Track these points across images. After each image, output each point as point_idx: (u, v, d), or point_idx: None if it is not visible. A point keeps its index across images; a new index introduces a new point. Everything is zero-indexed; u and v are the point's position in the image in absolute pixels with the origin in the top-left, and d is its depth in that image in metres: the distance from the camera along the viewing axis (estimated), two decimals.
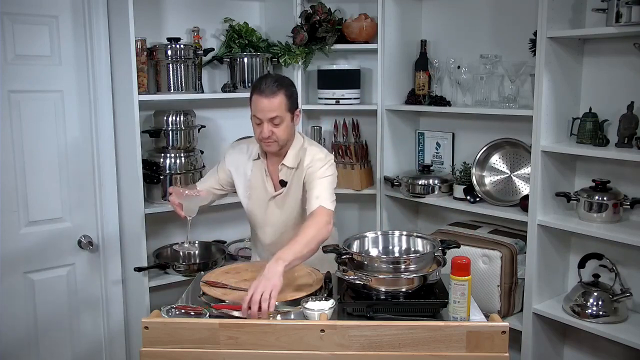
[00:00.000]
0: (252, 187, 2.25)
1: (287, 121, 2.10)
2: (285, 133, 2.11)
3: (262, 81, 2.08)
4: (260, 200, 2.25)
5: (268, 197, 2.22)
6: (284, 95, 2.07)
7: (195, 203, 2.13)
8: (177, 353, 1.56)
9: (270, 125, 2.07)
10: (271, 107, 2.05)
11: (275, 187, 2.23)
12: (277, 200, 2.22)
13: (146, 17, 2.79)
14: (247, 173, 2.25)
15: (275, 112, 2.05)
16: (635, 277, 2.38)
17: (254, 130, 2.14)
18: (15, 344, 2.56)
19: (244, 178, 2.26)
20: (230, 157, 2.31)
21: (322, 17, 2.96)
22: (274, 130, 2.08)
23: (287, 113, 2.09)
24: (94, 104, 2.64)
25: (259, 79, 2.14)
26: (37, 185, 2.54)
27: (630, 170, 2.36)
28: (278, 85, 2.07)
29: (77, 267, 2.70)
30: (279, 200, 2.22)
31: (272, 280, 1.73)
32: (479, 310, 1.81)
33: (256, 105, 2.07)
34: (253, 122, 2.12)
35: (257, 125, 2.10)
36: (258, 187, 2.24)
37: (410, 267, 1.77)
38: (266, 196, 2.23)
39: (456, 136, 3.02)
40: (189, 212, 2.13)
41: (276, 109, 2.06)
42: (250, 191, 2.25)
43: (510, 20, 2.71)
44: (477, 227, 2.75)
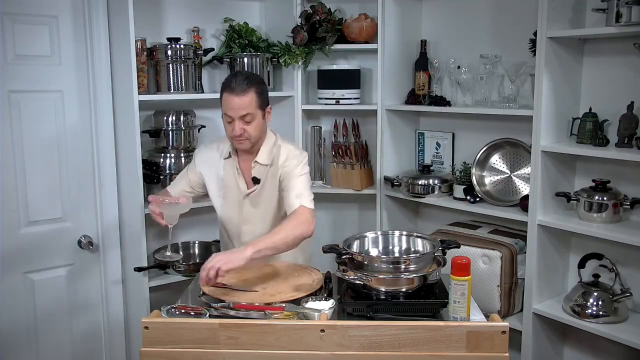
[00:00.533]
0: (225, 187, 2.24)
1: (258, 119, 2.10)
2: (257, 130, 2.11)
3: (232, 79, 2.08)
4: (234, 200, 2.23)
5: (242, 195, 2.21)
6: (255, 93, 2.07)
7: (176, 211, 2.11)
8: (177, 353, 1.56)
9: (241, 123, 2.07)
10: (242, 105, 2.05)
11: (248, 184, 2.21)
12: (252, 198, 2.21)
13: (146, 17, 2.79)
14: (220, 172, 2.24)
15: (246, 109, 2.06)
16: (635, 277, 2.38)
17: (225, 129, 2.14)
18: (15, 343, 2.56)
19: (217, 178, 2.25)
20: (200, 157, 2.30)
21: (322, 17, 2.96)
22: (246, 128, 2.08)
23: (258, 110, 2.10)
24: (94, 104, 2.64)
25: (229, 77, 2.14)
26: (37, 185, 2.54)
27: (630, 170, 2.36)
28: (248, 82, 2.06)
29: (77, 267, 2.70)
30: (254, 198, 2.21)
31: (232, 257, 1.84)
32: (479, 310, 1.81)
33: (227, 103, 2.07)
34: (224, 120, 2.12)
35: (228, 124, 2.10)
36: (231, 186, 2.23)
37: (410, 267, 1.77)
38: (240, 194, 2.22)
39: (456, 136, 3.02)
40: (170, 220, 2.11)
41: (247, 106, 2.06)
42: (224, 190, 2.24)
43: (510, 20, 2.71)
44: (477, 227, 2.75)
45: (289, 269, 2.08)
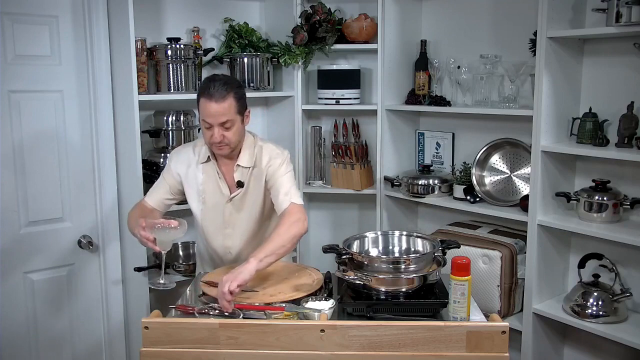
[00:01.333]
0: (205, 191, 2.17)
1: (237, 124, 2.05)
2: (236, 136, 2.07)
3: (210, 84, 2.00)
4: (216, 204, 2.18)
5: (225, 199, 2.16)
6: (233, 98, 2.01)
7: (170, 236, 1.91)
8: (177, 353, 1.56)
9: (221, 129, 2.02)
10: (221, 112, 1.99)
11: (230, 188, 2.16)
12: (235, 201, 2.16)
13: (146, 17, 2.79)
14: (198, 177, 2.17)
15: (225, 116, 2.00)
16: (635, 277, 2.38)
17: (203, 134, 2.08)
18: (15, 344, 2.56)
19: (195, 182, 2.18)
20: (175, 163, 2.20)
21: (322, 17, 2.96)
22: (225, 134, 2.03)
23: (237, 116, 2.04)
24: (94, 104, 2.64)
25: (206, 81, 2.04)
26: (37, 185, 2.54)
27: (630, 170, 2.36)
28: (227, 88, 2.00)
29: (77, 267, 2.70)
30: (237, 202, 2.16)
31: (238, 275, 1.76)
32: (479, 310, 1.81)
33: (205, 110, 2.00)
34: (202, 126, 2.06)
35: (206, 130, 2.04)
36: (212, 191, 2.17)
37: (410, 267, 1.77)
38: (222, 199, 2.16)
39: (456, 136, 3.02)
40: (164, 246, 1.92)
41: (226, 113, 2.00)
42: (205, 195, 2.17)
43: (510, 20, 2.71)
44: (477, 227, 2.75)
45: (289, 269, 2.08)
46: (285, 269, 2.07)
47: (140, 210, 2.16)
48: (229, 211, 2.17)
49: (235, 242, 2.21)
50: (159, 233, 1.88)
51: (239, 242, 2.21)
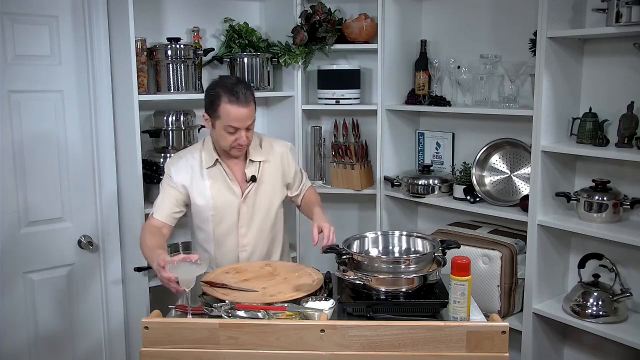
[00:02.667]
0: (215, 196, 2.17)
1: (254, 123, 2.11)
2: (252, 135, 2.15)
3: (236, 90, 2.02)
4: (229, 205, 2.19)
5: (238, 199, 2.19)
6: (253, 100, 2.08)
7: (193, 273, 1.74)
8: (177, 353, 1.56)
9: (245, 132, 2.07)
10: (249, 115, 2.05)
11: (241, 186, 2.19)
12: (249, 198, 2.20)
13: (146, 17, 2.79)
14: (205, 183, 2.17)
15: (251, 119, 2.06)
16: (635, 277, 2.38)
17: (221, 139, 2.08)
18: (15, 344, 2.56)
19: (203, 189, 2.17)
20: (176, 175, 2.17)
21: (322, 17, 2.96)
22: (247, 135, 2.08)
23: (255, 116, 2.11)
24: (94, 104, 2.64)
25: (229, 87, 2.05)
26: (37, 185, 2.54)
27: (630, 170, 2.36)
28: (249, 91, 2.07)
29: (77, 267, 2.70)
30: (251, 198, 2.20)
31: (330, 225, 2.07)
32: (479, 310, 1.81)
33: (234, 115, 2.02)
34: (223, 131, 2.06)
35: (229, 134, 2.05)
36: (223, 193, 2.18)
37: (410, 267, 1.77)
38: (236, 198, 2.19)
39: (456, 136, 3.02)
40: (187, 284, 1.74)
41: (252, 115, 2.07)
42: (215, 200, 2.17)
43: (510, 20, 2.71)
44: (477, 227, 2.75)
45: (289, 269, 2.08)
46: (286, 269, 2.07)
47: (151, 232, 2.10)
48: (244, 209, 2.20)
49: (251, 239, 2.23)
50: (181, 272, 1.75)
51: (255, 238, 2.24)
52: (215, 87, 2.08)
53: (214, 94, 2.06)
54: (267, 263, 2.15)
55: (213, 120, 2.08)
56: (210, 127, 2.12)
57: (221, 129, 2.06)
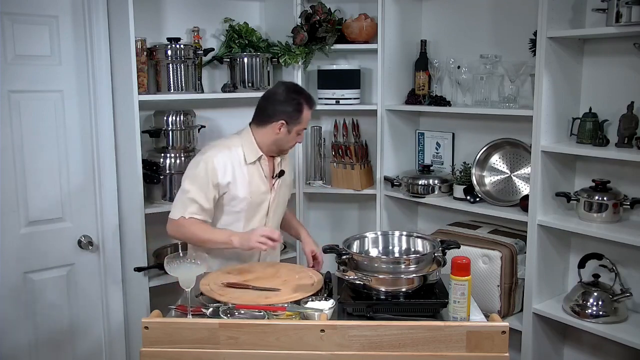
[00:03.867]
0: (251, 192, 2.24)
1: None
2: None
3: (307, 94, 2.27)
4: (261, 200, 2.28)
5: (269, 194, 2.30)
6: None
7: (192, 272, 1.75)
8: (177, 353, 1.56)
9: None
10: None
11: (269, 180, 2.31)
12: (274, 192, 2.32)
13: (146, 17, 2.79)
14: (245, 178, 2.22)
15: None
16: (635, 277, 2.38)
17: (291, 141, 2.28)
18: (15, 344, 2.56)
19: (243, 184, 2.22)
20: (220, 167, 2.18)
21: (322, 17, 2.96)
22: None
23: None
24: (94, 104, 2.64)
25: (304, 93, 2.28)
26: (37, 185, 2.54)
27: (630, 170, 2.36)
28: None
29: (77, 267, 2.70)
30: (275, 193, 2.32)
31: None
32: (479, 310, 1.81)
33: (307, 118, 2.26)
34: (296, 135, 2.26)
35: (297, 135, 2.27)
36: (258, 189, 2.26)
37: (410, 267, 1.77)
38: (267, 194, 2.29)
39: (456, 136, 3.02)
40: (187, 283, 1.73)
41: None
42: (250, 197, 2.23)
43: (510, 20, 2.71)
44: (477, 227, 2.75)
45: (290, 270, 2.08)
46: (286, 270, 2.07)
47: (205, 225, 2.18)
48: (271, 201, 2.31)
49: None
50: (181, 272, 1.74)
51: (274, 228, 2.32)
52: (296, 96, 2.24)
53: (297, 102, 2.22)
54: (269, 264, 2.15)
55: (292, 126, 2.22)
56: (285, 133, 2.23)
57: (295, 133, 2.25)
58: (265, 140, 2.25)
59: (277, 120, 2.21)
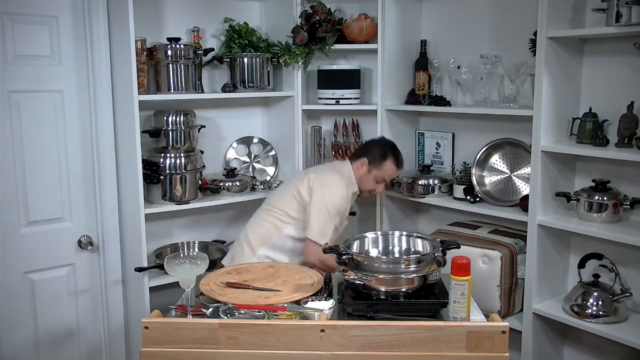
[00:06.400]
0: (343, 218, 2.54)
1: None
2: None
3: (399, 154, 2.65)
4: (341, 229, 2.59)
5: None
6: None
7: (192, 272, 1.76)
8: (177, 353, 1.56)
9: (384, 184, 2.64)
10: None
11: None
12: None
13: (146, 17, 2.79)
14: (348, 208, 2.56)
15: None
16: (635, 277, 2.38)
17: (369, 183, 2.60)
18: (15, 344, 2.56)
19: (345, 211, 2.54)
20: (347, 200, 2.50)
21: (322, 17, 2.96)
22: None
23: None
24: (94, 104, 2.64)
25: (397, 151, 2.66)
26: (37, 185, 2.54)
27: (630, 170, 2.36)
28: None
29: (77, 267, 2.70)
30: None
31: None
32: (479, 310, 1.81)
33: (392, 173, 2.63)
34: (373, 178, 2.59)
35: (377, 183, 2.61)
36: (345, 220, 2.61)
37: (410, 268, 1.77)
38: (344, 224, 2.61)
39: (456, 136, 3.02)
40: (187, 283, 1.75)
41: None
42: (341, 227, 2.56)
43: (510, 20, 2.71)
44: (477, 227, 2.75)
45: (290, 270, 2.08)
46: (286, 271, 2.07)
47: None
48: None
49: None
50: (181, 272, 1.74)
51: None
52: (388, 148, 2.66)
53: (386, 151, 2.62)
54: (269, 264, 2.15)
55: (373, 168, 2.59)
56: (365, 171, 2.59)
57: (373, 178, 2.59)
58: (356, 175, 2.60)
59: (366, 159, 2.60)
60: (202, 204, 2.84)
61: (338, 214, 2.47)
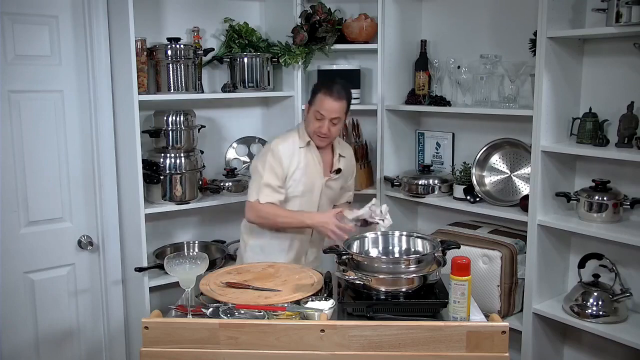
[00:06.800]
0: (306, 175, 2.40)
1: (341, 123, 2.41)
2: (337, 132, 2.44)
3: (333, 84, 2.38)
4: (314, 186, 2.43)
5: (322, 181, 2.44)
6: (346, 101, 2.39)
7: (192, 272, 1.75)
8: (177, 353, 1.56)
9: (329, 123, 2.36)
10: (336, 109, 2.35)
11: (324, 172, 2.45)
12: (328, 184, 2.46)
13: (146, 17, 2.79)
14: (300, 160, 2.39)
15: (337, 113, 2.36)
16: (635, 277, 2.38)
17: (310, 123, 2.39)
18: (15, 344, 2.56)
19: (297, 167, 2.39)
20: (284, 149, 2.38)
21: (322, 17, 2.96)
22: (331, 129, 2.37)
23: (344, 115, 2.41)
24: (94, 104, 2.64)
25: (329, 81, 2.44)
26: (37, 185, 2.54)
27: (630, 170, 2.36)
28: (345, 91, 2.39)
29: (77, 267, 2.70)
30: (329, 185, 2.47)
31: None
32: (479, 310, 1.81)
33: (323, 104, 2.35)
34: (312, 116, 2.37)
35: (317, 120, 2.37)
36: (312, 173, 2.42)
37: (410, 268, 1.77)
38: (320, 181, 2.44)
39: (456, 136, 3.02)
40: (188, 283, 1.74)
41: (339, 111, 2.36)
42: (305, 179, 2.40)
43: (510, 20, 2.71)
44: (477, 227, 2.75)
45: (290, 270, 2.08)
46: (286, 271, 2.07)
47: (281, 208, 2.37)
48: (323, 193, 2.45)
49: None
50: (181, 272, 1.74)
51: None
52: (319, 83, 2.51)
53: (319, 84, 2.46)
54: (269, 264, 2.15)
55: (310, 106, 2.40)
56: (306, 113, 2.44)
57: (313, 117, 2.38)
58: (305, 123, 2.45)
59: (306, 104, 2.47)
60: (202, 204, 2.84)
61: (272, 168, 2.34)
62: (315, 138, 2.40)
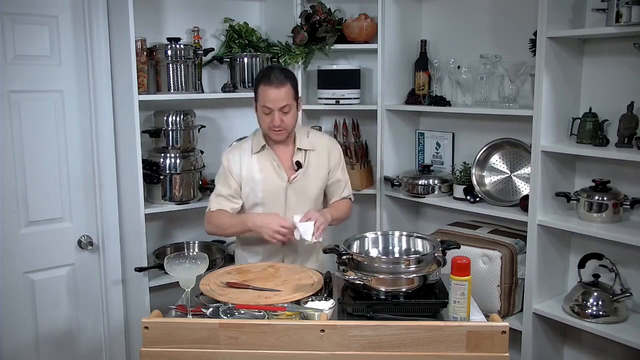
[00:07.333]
0: (264, 180, 2.28)
1: (293, 109, 2.24)
2: (293, 120, 2.25)
3: (270, 72, 2.21)
4: (276, 191, 2.29)
5: (284, 184, 2.29)
6: (290, 85, 2.21)
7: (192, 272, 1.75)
8: (177, 353, 1.56)
9: (280, 114, 2.20)
10: (281, 97, 2.18)
11: (287, 172, 2.29)
12: (296, 185, 2.30)
13: (146, 17, 2.79)
14: (254, 167, 2.29)
15: (284, 101, 2.19)
16: (635, 277, 2.38)
17: (261, 121, 2.24)
18: (15, 344, 2.56)
19: (251, 174, 2.29)
20: (232, 159, 2.30)
21: (322, 17, 2.96)
22: (284, 119, 2.21)
23: (294, 101, 2.23)
24: (94, 104, 2.64)
25: (265, 70, 2.29)
26: (37, 185, 2.54)
27: (630, 170, 2.36)
28: (285, 75, 2.22)
29: (77, 267, 2.70)
30: (298, 185, 2.30)
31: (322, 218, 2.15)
32: (479, 310, 1.81)
33: (267, 96, 2.18)
34: (261, 112, 2.23)
35: (266, 115, 2.21)
36: (270, 178, 2.28)
37: (410, 268, 1.77)
38: (282, 183, 2.29)
39: (456, 136, 3.02)
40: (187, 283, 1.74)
41: (285, 98, 2.19)
42: (263, 185, 2.28)
43: (510, 20, 2.71)
44: (477, 227, 2.75)
45: (290, 270, 2.08)
46: (286, 271, 2.07)
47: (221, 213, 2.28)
48: (290, 195, 2.30)
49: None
50: (181, 271, 1.74)
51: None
52: (257, 75, 2.33)
53: (255, 80, 2.32)
54: (269, 264, 2.15)
55: (256, 103, 2.26)
56: (256, 112, 2.29)
57: (260, 111, 2.24)
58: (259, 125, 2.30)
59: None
60: (202, 204, 2.83)
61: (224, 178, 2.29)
62: (271, 134, 2.24)
